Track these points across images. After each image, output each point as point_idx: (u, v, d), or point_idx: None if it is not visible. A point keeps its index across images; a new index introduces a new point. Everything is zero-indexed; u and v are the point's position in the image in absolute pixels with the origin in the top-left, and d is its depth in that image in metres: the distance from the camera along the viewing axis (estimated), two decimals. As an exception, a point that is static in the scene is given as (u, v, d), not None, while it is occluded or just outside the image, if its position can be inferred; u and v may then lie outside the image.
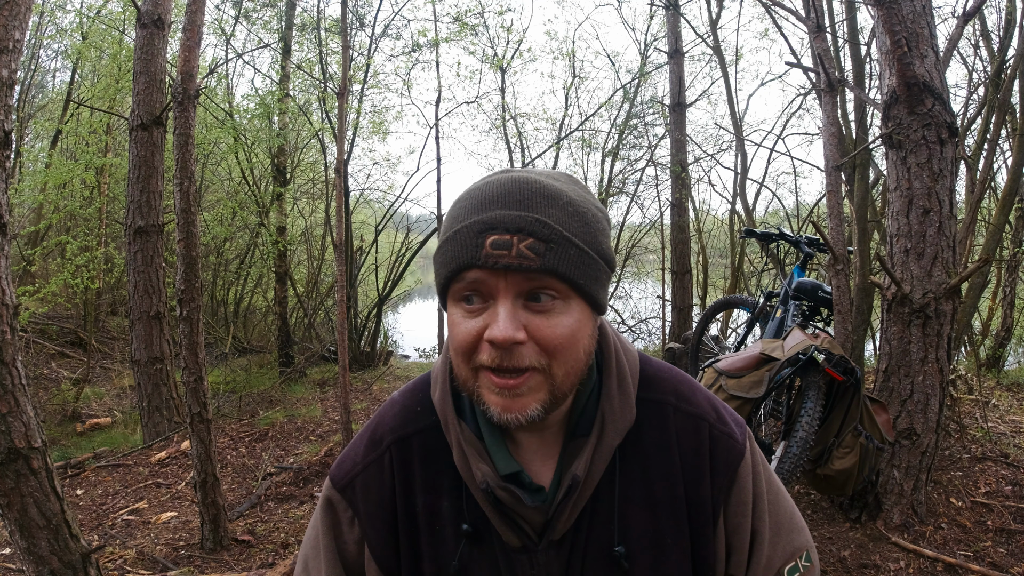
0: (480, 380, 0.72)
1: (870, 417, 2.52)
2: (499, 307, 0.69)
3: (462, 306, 0.72)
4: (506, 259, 0.68)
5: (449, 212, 0.77)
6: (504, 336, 0.67)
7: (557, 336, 0.70)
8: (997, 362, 5.50)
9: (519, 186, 0.72)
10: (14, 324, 2.06)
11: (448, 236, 0.73)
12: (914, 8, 2.72)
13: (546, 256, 0.69)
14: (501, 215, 0.70)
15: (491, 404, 0.71)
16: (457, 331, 0.72)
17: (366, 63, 7.88)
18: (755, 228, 4.81)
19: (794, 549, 0.84)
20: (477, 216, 0.71)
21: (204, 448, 2.96)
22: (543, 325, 0.70)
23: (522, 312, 0.70)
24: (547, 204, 0.71)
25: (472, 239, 0.70)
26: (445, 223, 0.76)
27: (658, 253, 8.27)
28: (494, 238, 0.69)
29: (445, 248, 0.73)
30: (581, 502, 0.78)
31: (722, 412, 0.85)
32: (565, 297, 0.71)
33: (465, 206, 0.73)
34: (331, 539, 0.83)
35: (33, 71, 9.53)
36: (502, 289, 0.69)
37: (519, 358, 0.69)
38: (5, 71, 2.04)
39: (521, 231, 0.69)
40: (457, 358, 0.73)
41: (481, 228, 0.70)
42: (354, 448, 0.87)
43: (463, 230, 0.71)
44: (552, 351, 0.70)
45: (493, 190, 0.72)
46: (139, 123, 4.83)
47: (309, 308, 8.92)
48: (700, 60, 8.62)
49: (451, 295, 0.74)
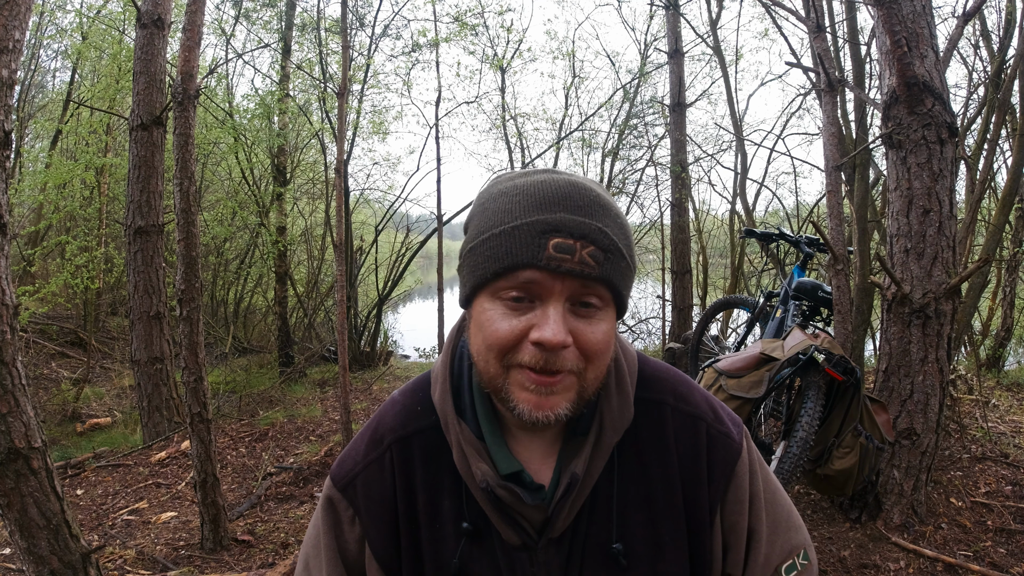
0: (512, 377, 0.72)
1: (870, 417, 2.52)
2: (550, 309, 0.69)
3: (504, 303, 0.71)
4: (568, 264, 0.68)
5: (490, 206, 0.75)
6: (557, 340, 0.68)
7: (598, 342, 0.72)
8: (997, 362, 5.50)
9: (580, 192, 0.72)
10: (14, 324, 2.06)
11: (500, 231, 0.71)
12: (914, 8, 2.72)
13: (604, 265, 0.70)
14: (566, 219, 0.70)
15: (521, 401, 0.71)
16: (495, 327, 0.71)
17: (366, 63, 7.88)
18: (755, 228, 4.81)
19: (791, 547, 0.85)
20: (539, 216, 0.70)
21: (204, 448, 2.96)
22: (587, 331, 0.71)
23: (569, 316, 0.71)
24: (604, 214, 0.72)
25: (534, 239, 0.69)
26: (487, 217, 0.74)
27: (658, 253, 8.26)
28: (558, 241, 0.69)
29: (495, 243, 0.71)
30: (580, 500, 0.79)
31: (719, 412, 0.86)
32: (606, 305, 0.73)
33: (520, 202, 0.72)
34: (332, 538, 0.83)
35: (33, 71, 9.54)
36: (556, 292, 0.70)
37: (562, 361, 0.70)
38: (5, 71, 2.04)
39: (585, 238, 0.69)
40: (488, 354, 0.72)
41: (544, 229, 0.69)
42: (355, 447, 0.87)
43: (523, 227, 0.70)
44: (591, 356, 0.72)
45: (552, 191, 0.72)
46: (139, 123, 4.84)
47: (309, 308, 8.92)
48: (700, 60, 8.64)
49: (490, 291, 0.73)
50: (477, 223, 0.76)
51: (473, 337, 0.76)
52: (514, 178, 0.76)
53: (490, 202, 0.75)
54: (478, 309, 0.74)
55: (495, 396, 0.75)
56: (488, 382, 0.74)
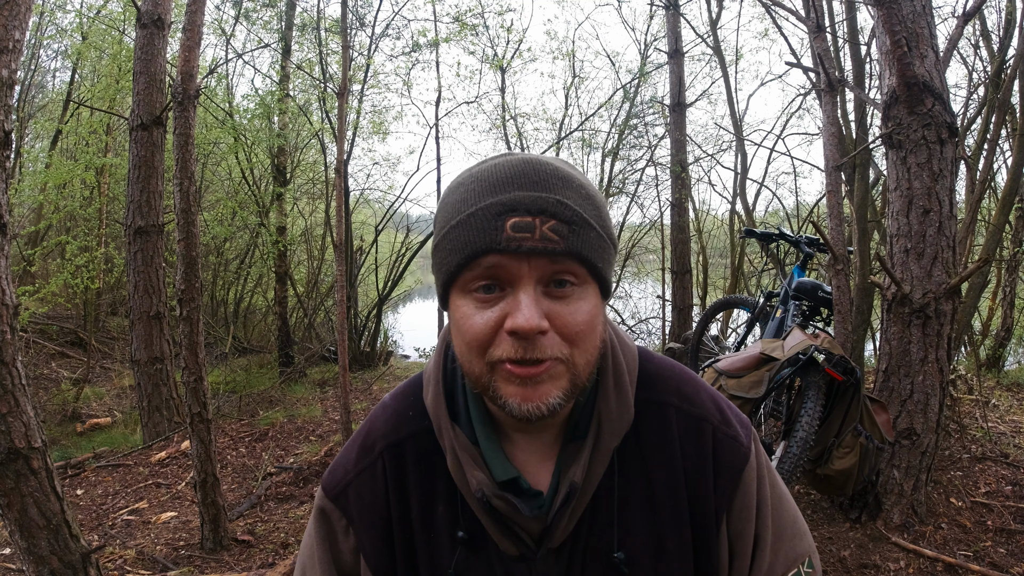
0: (497, 374, 0.68)
1: (870, 417, 2.52)
2: (520, 294, 0.65)
3: (474, 296, 0.68)
4: (530, 242, 0.64)
5: (448, 199, 0.71)
6: (530, 325, 0.63)
7: (579, 323, 0.67)
8: (997, 362, 5.50)
9: (534, 167, 0.68)
10: (14, 324, 2.06)
11: (457, 221, 0.68)
12: (914, 8, 2.72)
13: (570, 239, 0.65)
14: (521, 196, 0.65)
15: (509, 396, 0.67)
16: (470, 324, 0.67)
17: (366, 63, 7.88)
18: (755, 228, 4.81)
19: (796, 555, 0.81)
20: (493, 198, 0.66)
21: (204, 448, 2.96)
22: (565, 312, 0.67)
23: (543, 299, 0.66)
24: (564, 186, 0.68)
25: (489, 222, 0.65)
26: (446, 211, 0.70)
27: (658, 253, 8.27)
28: (515, 220, 0.64)
29: (454, 234, 0.68)
30: (580, 508, 0.76)
31: (727, 413, 0.81)
32: (583, 282, 0.68)
33: (474, 189, 0.68)
34: (325, 550, 0.81)
35: (33, 71, 9.54)
36: (524, 274, 0.65)
37: (541, 348, 0.65)
38: (5, 71, 2.04)
39: (544, 212, 0.65)
40: (470, 354, 0.69)
41: (499, 210, 0.65)
42: (345, 456, 0.84)
43: (477, 213, 0.66)
44: (574, 339, 0.67)
45: (505, 171, 0.68)
46: (139, 123, 4.84)
47: (309, 308, 8.92)
48: (700, 60, 8.65)
49: (459, 286, 0.69)
50: (439, 218, 0.72)
51: (454, 338, 0.72)
52: (471, 168, 0.73)
53: (448, 195, 0.72)
54: (452, 307, 0.71)
55: (484, 396, 0.72)
56: (475, 382, 0.71)
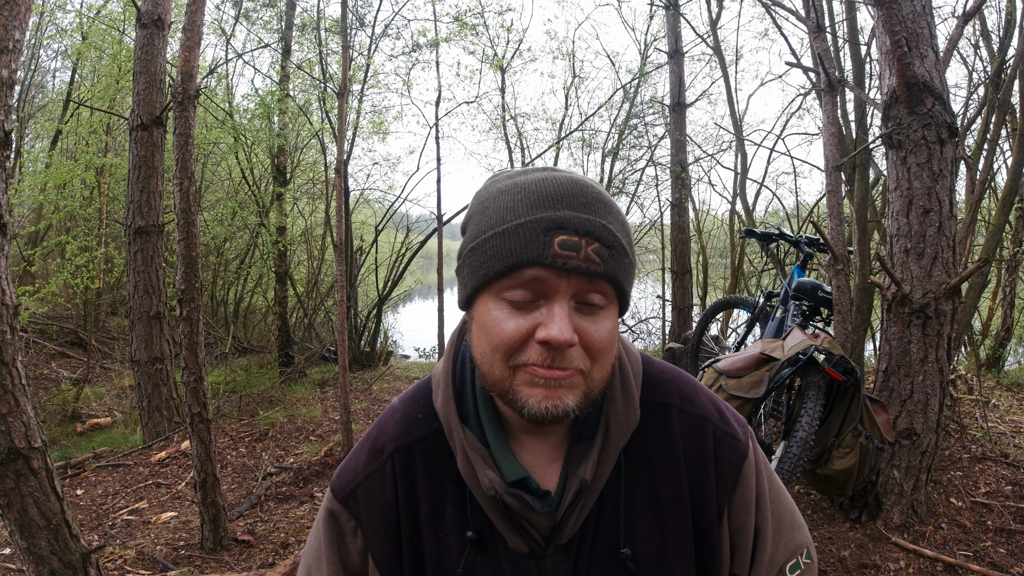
0: (518, 377, 0.71)
1: (870, 417, 2.52)
2: (556, 307, 0.69)
3: (508, 303, 0.71)
4: (574, 261, 0.68)
5: (490, 204, 0.74)
6: (564, 337, 0.67)
7: (602, 340, 0.71)
8: (997, 362, 5.50)
9: (581, 189, 0.72)
10: (14, 324, 2.06)
11: (503, 229, 0.70)
12: (914, 8, 2.72)
13: (609, 262, 0.70)
14: (570, 216, 0.69)
15: (530, 396, 0.70)
16: (500, 328, 0.70)
17: (366, 63, 7.88)
18: (755, 228, 4.81)
19: (795, 546, 0.85)
20: (542, 212, 0.69)
21: (204, 448, 2.96)
22: (591, 328, 0.71)
23: (573, 315, 0.70)
24: (606, 211, 0.72)
25: (538, 236, 0.68)
26: (487, 216, 0.73)
27: (658, 253, 8.26)
28: (563, 238, 0.68)
29: (496, 241, 0.71)
30: (588, 505, 0.78)
31: (725, 412, 0.85)
32: (610, 302, 0.73)
33: (522, 200, 0.71)
34: (334, 551, 0.82)
35: (33, 71, 9.54)
36: (562, 290, 0.69)
37: (569, 359, 0.69)
38: (5, 71, 2.04)
39: (590, 235, 0.69)
40: (494, 356, 0.71)
41: (548, 226, 0.69)
42: (355, 458, 0.86)
43: (526, 225, 0.69)
44: (596, 355, 0.71)
45: (554, 188, 0.71)
46: (139, 123, 4.84)
47: (309, 308, 8.92)
48: (700, 60, 8.65)
49: (493, 290, 0.72)
50: (477, 222, 0.75)
51: (476, 340, 0.75)
52: (513, 176, 0.76)
53: (490, 201, 0.74)
54: (481, 310, 0.73)
55: (501, 399, 0.74)
56: (493, 385, 0.73)
